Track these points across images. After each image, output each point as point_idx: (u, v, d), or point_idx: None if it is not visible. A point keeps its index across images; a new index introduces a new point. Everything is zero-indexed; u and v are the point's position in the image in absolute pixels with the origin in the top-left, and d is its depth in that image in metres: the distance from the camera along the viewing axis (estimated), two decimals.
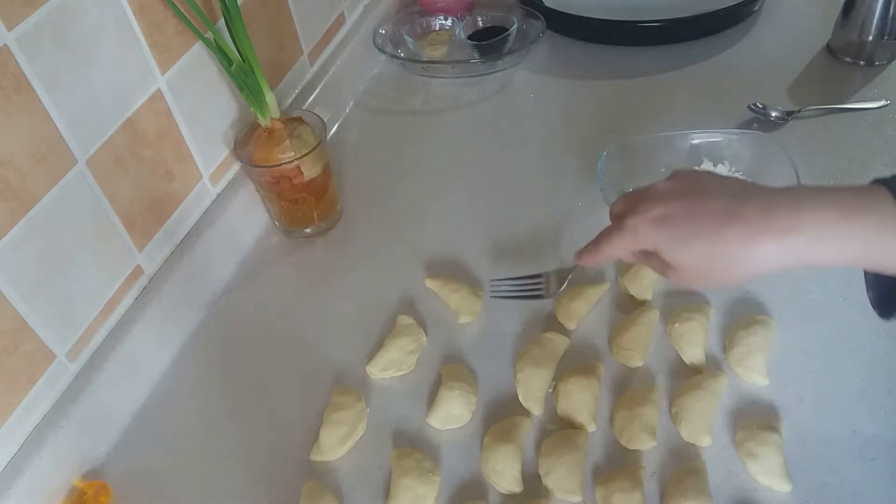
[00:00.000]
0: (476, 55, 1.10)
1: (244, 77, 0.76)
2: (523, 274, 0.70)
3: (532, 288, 0.68)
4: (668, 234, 0.51)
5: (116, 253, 0.71)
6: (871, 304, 0.51)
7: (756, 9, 1.12)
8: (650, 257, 0.55)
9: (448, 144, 0.99)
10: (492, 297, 0.72)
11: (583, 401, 0.65)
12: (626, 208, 0.55)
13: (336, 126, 1.04)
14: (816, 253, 0.47)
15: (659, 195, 0.53)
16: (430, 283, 0.78)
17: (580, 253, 0.59)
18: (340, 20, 1.09)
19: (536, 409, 0.67)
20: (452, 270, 0.80)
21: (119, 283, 0.72)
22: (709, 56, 1.06)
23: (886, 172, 0.86)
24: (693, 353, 0.68)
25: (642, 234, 0.53)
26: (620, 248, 0.55)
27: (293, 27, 0.96)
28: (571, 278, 0.66)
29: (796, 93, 0.98)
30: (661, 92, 1.02)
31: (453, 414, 0.66)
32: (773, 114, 0.93)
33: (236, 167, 0.87)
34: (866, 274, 0.51)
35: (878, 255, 0.46)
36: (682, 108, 0.98)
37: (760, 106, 0.94)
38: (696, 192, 0.52)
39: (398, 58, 1.12)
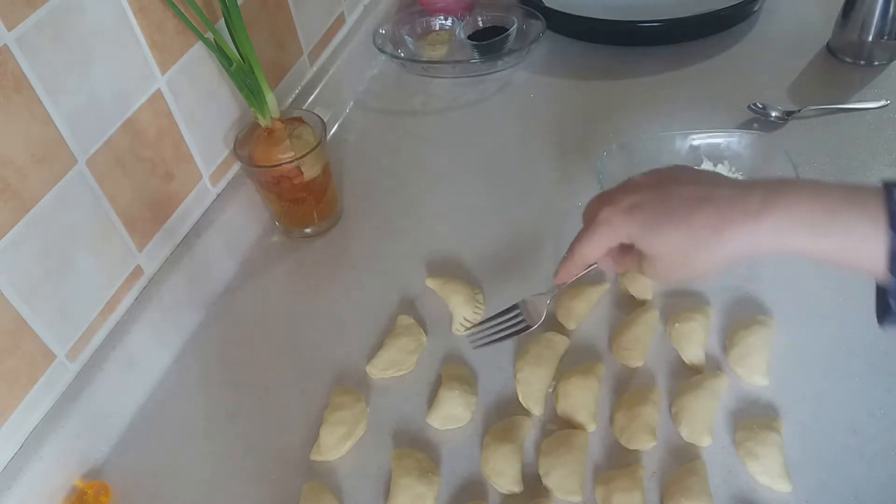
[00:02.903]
0: (476, 55, 1.10)
1: (244, 77, 0.76)
2: (499, 309, 0.66)
3: (514, 323, 0.64)
4: (641, 222, 0.50)
5: (116, 253, 0.71)
6: (876, 313, 0.49)
7: (756, 9, 1.12)
8: (625, 255, 0.54)
9: (448, 144, 0.99)
10: (475, 347, 0.65)
11: (583, 401, 0.65)
12: (600, 205, 0.54)
13: (336, 126, 1.04)
14: (788, 241, 0.45)
15: (633, 187, 0.53)
16: (430, 283, 0.78)
17: (557, 269, 0.58)
18: (340, 20, 1.09)
19: (536, 409, 0.67)
20: (452, 270, 0.80)
21: (119, 283, 0.72)
22: (709, 56, 1.06)
23: (886, 172, 0.86)
24: (693, 353, 0.68)
25: (616, 223, 0.52)
26: (597, 243, 0.54)
27: (293, 27, 0.96)
28: (554, 296, 0.63)
29: (796, 93, 0.98)
30: (661, 92, 1.02)
31: (453, 414, 0.66)
32: (773, 114, 0.93)
33: (236, 167, 0.87)
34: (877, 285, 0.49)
35: (851, 252, 0.44)
36: (682, 108, 0.98)
37: (760, 106, 0.94)
38: (670, 181, 0.51)
39: (398, 58, 1.12)
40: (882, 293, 0.47)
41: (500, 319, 0.66)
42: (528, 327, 0.64)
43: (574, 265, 0.57)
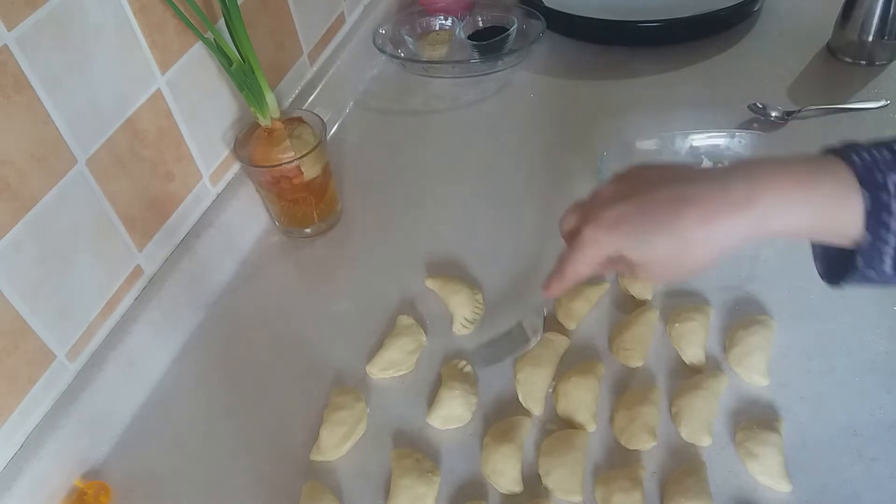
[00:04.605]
0: (476, 55, 1.10)
1: (244, 77, 0.76)
2: (501, 329, 0.68)
3: (514, 341, 0.66)
4: (628, 235, 0.51)
5: (116, 253, 0.71)
6: (820, 275, 0.52)
7: (756, 9, 1.12)
8: (617, 263, 0.54)
9: (448, 144, 0.99)
10: (479, 368, 0.69)
11: (583, 401, 0.65)
12: (577, 223, 0.55)
13: (336, 126, 1.04)
14: (776, 224, 0.47)
15: (607, 200, 0.53)
16: (430, 283, 0.78)
17: (547, 284, 0.58)
18: (340, 20, 1.09)
19: (536, 409, 0.67)
20: (452, 270, 0.80)
21: (119, 283, 0.72)
22: (709, 56, 1.06)
23: None
24: (693, 353, 0.68)
25: (602, 241, 0.52)
26: (585, 263, 0.54)
27: (293, 27, 0.96)
28: (547, 313, 0.66)
29: (796, 93, 0.98)
30: (661, 92, 1.02)
31: (454, 414, 0.66)
32: (773, 114, 0.93)
33: (236, 167, 0.87)
34: (813, 246, 0.52)
35: (834, 221, 0.46)
36: (682, 108, 0.98)
37: (760, 106, 0.94)
38: (641, 188, 0.52)
39: (398, 58, 1.12)
40: (827, 258, 0.51)
41: (503, 339, 0.67)
42: (526, 343, 0.65)
43: (566, 282, 0.57)
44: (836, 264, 0.50)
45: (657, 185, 0.51)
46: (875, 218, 0.44)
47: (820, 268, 0.52)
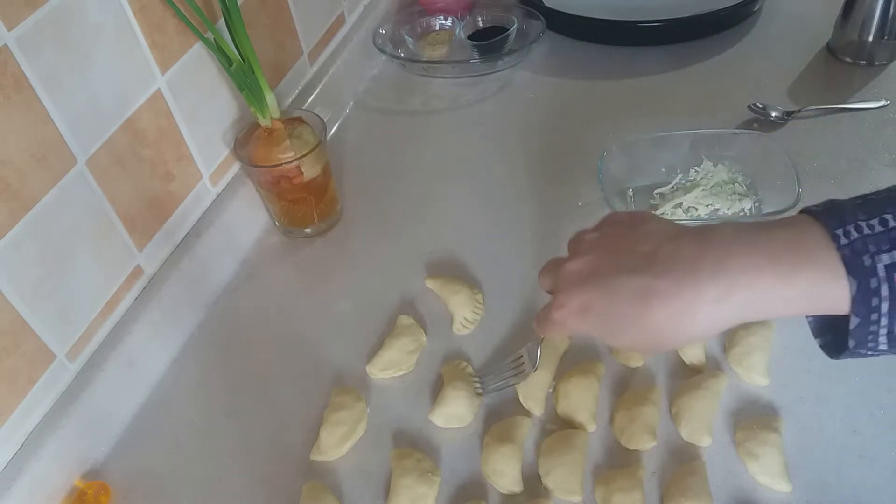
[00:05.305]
0: (476, 55, 1.10)
1: (244, 77, 0.76)
2: (508, 357, 0.69)
3: (515, 368, 0.67)
4: (595, 324, 0.50)
5: (116, 253, 0.71)
6: (813, 333, 0.49)
7: (756, 9, 1.12)
8: None
9: (448, 144, 0.99)
10: (482, 395, 0.68)
11: (583, 401, 0.65)
12: (552, 285, 0.55)
13: (336, 126, 1.04)
14: (754, 314, 0.45)
15: (573, 280, 0.51)
16: (430, 284, 0.78)
17: (535, 325, 0.58)
18: (340, 20, 1.09)
19: (536, 409, 0.67)
20: (452, 270, 0.80)
21: (119, 283, 0.72)
22: (709, 56, 1.06)
23: (886, 172, 0.86)
24: (693, 353, 0.68)
25: (571, 325, 0.52)
26: (559, 334, 0.55)
27: (293, 27, 0.96)
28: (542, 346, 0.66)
29: (796, 93, 0.98)
30: (661, 92, 1.02)
31: (456, 413, 0.66)
32: (773, 114, 0.93)
33: (236, 167, 0.87)
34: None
35: (818, 305, 0.44)
36: (682, 108, 0.98)
37: (760, 106, 0.94)
38: (607, 268, 0.49)
39: (398, 58, 1.12)
40: (820, 319, 0.49)
41: (506, 363, 0.68)
42: (525, 373, 0.66)
43: (544, 335, 0.59)
44: (830, 326, 0.48)
45: (623, 269, 0.48)
46: (863, 304, 0.41)
47: (812, 325, 0.49)
